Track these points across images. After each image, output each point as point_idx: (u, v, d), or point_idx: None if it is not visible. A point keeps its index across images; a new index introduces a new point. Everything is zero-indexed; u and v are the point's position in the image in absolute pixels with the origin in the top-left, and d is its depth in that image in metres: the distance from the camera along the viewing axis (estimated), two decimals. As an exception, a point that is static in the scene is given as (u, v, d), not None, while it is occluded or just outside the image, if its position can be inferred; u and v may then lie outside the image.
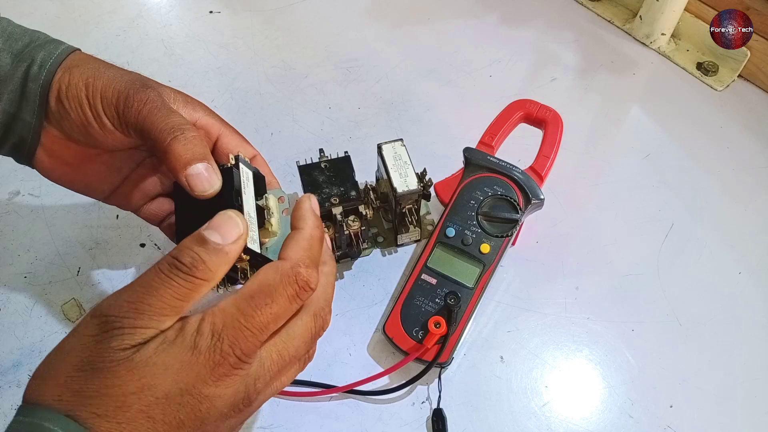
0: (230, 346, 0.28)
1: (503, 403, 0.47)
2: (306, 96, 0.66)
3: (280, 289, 0.30)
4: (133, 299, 0.27)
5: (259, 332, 0.29)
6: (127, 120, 0.36)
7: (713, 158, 0.62)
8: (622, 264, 0.54)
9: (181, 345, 0.27)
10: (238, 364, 0.28)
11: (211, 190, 0.36)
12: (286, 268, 0.31)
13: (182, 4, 0.76)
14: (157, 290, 0.28)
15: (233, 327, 0.28)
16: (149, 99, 0.36)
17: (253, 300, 0.29)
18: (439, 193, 0.55)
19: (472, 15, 0.75)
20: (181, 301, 0.28)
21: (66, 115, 0.37)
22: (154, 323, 0.27)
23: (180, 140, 0.35)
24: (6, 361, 0.48)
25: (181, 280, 0.28)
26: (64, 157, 0.39)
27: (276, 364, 0.31)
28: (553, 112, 0.54)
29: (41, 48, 0.37)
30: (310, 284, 0.31)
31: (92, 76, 0.37)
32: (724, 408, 0.47)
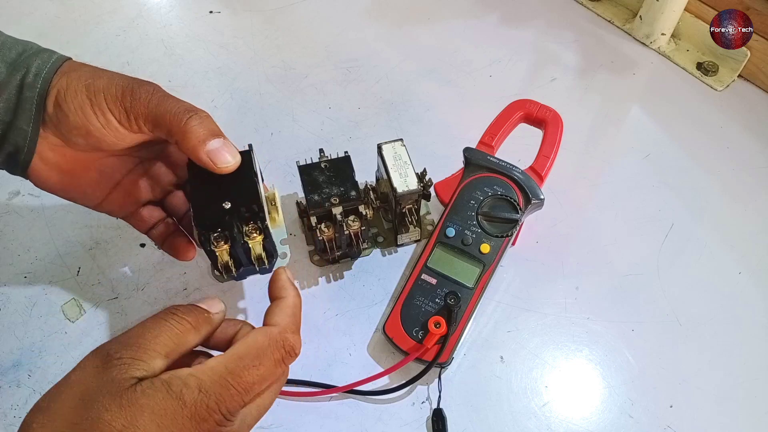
0: (216, 403, 0.29)
1: (503, 403, 0.47)
2: (306, 96, 0.66)
3: (269, 353, 0.32)
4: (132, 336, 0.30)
5: (244, 392, 0.30)
6: (137, 112, 0.37)
7: (713, 158, 0.62)
8: (622, 264, 0.54)
9: (167, 393, 0.28)
10: (223, 422, 0.29)
11: (233, 161, 0.38)
12: (274, 333, 0.33)
13: (182, 4, 0.76)
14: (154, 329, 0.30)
15: (220, 385, 0.29)
16: (155, 89, 0.38)
17: (242, 361, 0.31)
18: (439, 193, 0.55)
19: (472, 15, 0.75)
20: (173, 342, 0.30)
21: (64, 118, 0.37)
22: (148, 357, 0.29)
23: (195, 119, 0.37)
24: (6, 361, 0.48)
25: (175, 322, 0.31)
26: (59, 164, 0.39)
27: (255, 418, 0.33)
28: (553, 112, 0.54)
29: (35, 56, 0.37)
30: (296, 350, 0.34)
31: (91, 77, 0.37)
32: (724, 408, 0.47)
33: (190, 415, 0.28)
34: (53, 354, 0.48)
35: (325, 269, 0.53)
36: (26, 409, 0.46)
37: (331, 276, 0.53)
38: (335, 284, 0.53)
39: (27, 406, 0.45)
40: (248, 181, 0.41)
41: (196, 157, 0.38)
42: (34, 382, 0.47)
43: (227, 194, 0.40)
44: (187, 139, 0.37)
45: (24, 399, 0.46)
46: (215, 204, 0.39)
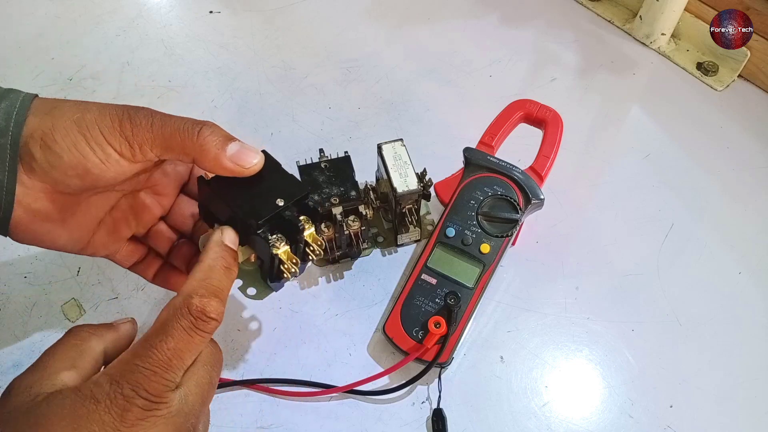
0: (132, 389, 0.28)
1: (503, 403, 0.47)
2: (306, 96, 0.66)
3: (174, 323, 0.30)
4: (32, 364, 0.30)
5: (162, 370, 0.29)
6: (140, 139, 0.35)
7: (713, 158, 0.62)
8: (622, 264, 0.54)
9: (77, 396, 0.27)
10: (149, 405, 0.28)
11: (257, 159, 0.37)
12: (177, 301, 0.31)
13: (182, 4, 0.76)
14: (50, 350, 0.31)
15: (130, 371, 0.28)
16: (152, 112, 0.36)
17: (148, 341, 0.30)
18: (439, 193, 0.55)
19: (472, 15, 0.75)
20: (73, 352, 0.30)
21: (57, 161, 0.34)
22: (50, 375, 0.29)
23: (206, 130, 0.35)
24: (6, 361, 0.48)
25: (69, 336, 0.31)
26: (46, 211, 0.36)
27: (199, 395, 0.31)
28: (553, 112, 0.54)
29: (1, 98, 0.34)
30: (207, 313, 0.31)
31: (78, 111, 0.34)
32: (724, 408, 0.47)
33: (107, 409, 0.27)
34: (53, 354, 0.48)
35: (325, 269, 0.53)
36: (26, 409, 0.46)
37: (331, 276, 0.53)
38: (335, 284, 0.53)
39: (27, 406, 0.45)
40: (282, 174, 0.39)
41: (219, 165, 0.36)
42: (34, 382, 0.47)
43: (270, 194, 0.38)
44: (206, 151, 0.35)
45: (24, 399, 0.46)
46: (267, 202, 0.38)
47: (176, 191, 0.43)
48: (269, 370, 0.48)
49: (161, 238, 0.44)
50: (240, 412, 0.46)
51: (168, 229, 0.44)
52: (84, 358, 0.30)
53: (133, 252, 0.43)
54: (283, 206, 0.38)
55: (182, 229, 0.45)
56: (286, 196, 0.38)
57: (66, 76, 0.67)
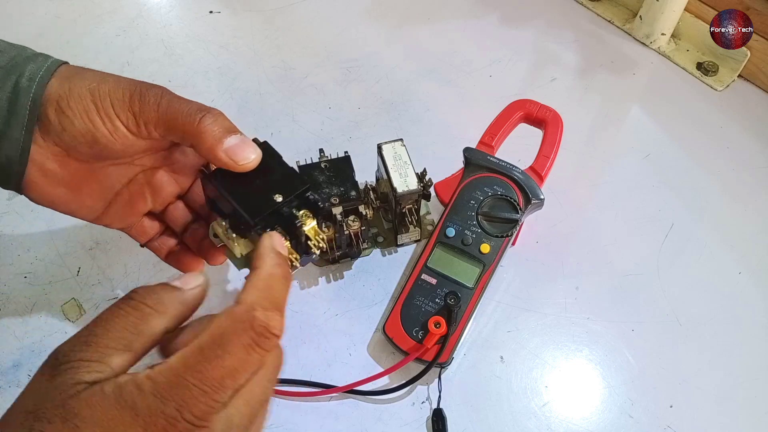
0: (177, 409, 0.24)
1: (503, 403, 0.47)
2: (306, 96, 0.66)
3: (234, 338, 0.26)
4: (84, 333, 0.26)
5: (212, 391, 0.25)
6: (146, 116, 0.35)
7: (713, 158, 0.62)
8: (622, 264, 0.54)
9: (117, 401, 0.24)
10: (191, 430, 0.24)
11: (254, 156, 0.36)
12: (239, 313, 0.27)
13: (182, 4, 0.76)
14: (107, 321, 0.26)
15: (180, 386, 0.24)
16: (164, 92, 0.36)
17: (203, 353, 0.26)
18: (439, 193, 0.55)
19: (472, 15, 0.75)
20: (130, 333, 0.26)
21: (69, 125, 0.35)
22: (101, 356, 0.25)
23: (208, 118, 0.36)
24: (6, 361, 0.48)
25: (130, 308, 0.27)
26: (60, 175, 0.37)
27: (247, 416, 0.27)
28: (553, 112, 0.54)
29: (30, 61, 0.35)
30: (271, 329, 0.27)
31: (95, 81, 0.35)
32: (724, 408, 0.47)
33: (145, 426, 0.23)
34: (53, 354, 0.48)
35: (325, 269, 0.53)
36: (26, 409, 0.46)
37: (331, 276, 0.53)
38: (335, 284, 0.53)
39: (27, 406, 0.45)
40: (283, 168, 0.39)
41: (214, 156, 0.36)
42: (34, 382, 0.47)
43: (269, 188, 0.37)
44: (203, 140, 0.35)
45: (24, 399, 0.46)
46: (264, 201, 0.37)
47: (195, 172, 0.44)
48: (269, 370, 0.48)
49: (177, 217, 0.44)
50: (240, 412, 0.46)
51: (185, 209, 0.44)
52: (140, 340, 0.27)
53: (149, 228, 0.44)
54: (281, 202, 0.37)
55: (199, 211, 0.45)
56: (285, 192, 0.37)
57: (66, 76, 0.67)
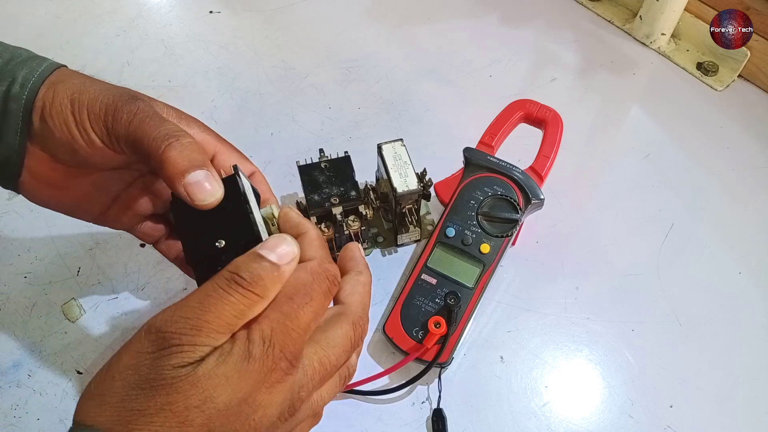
0: (281, 350, 0.28)
1: (503, 403, 0.47)
2: (306, 96, 0.66)
3: (315, 287, 0.30)
4: (191, 315, 0.27)
5: (303, 332, 0.29)
6: (117, 133, 0.34)
7: (713, 158, 0.62)
8: (622, 264, 0.54)
9: (237, 355, 0.27)
10: (289, 368, 0.28)
11: (213, 198, 0.34)
12: (315, 266, 0.31)
13: (182, 4, 0.76)
14: (215, 306, 0.27)
15: (281, 331, 0.28)
16: (139, 109, 0.34)
17: (293, 301, 0.29)
18: (439, 193, 0.55)
19: (472, 15, 0.75)
20: (237, 318, 0.28)
21: (50, 134, 0.35)
22: (211, 340, 0.27)
23: (175, 147, 0.33)
24: (6, 361, 0.48)
25: (240, 296, 0.28)
26: (50, 179, 0.37)
27: (318, 372, 0.30)
28: (553, 112, 0.54)
29: (23, 65, 0.35)
30: (338, 278, 0.33)
31: (77, 91, 0.35)
32: (724, 408, 0.47)
33: (260, 368, 0.27)
34: (53, 354, 0.48)
35: (325, 269, 0.53)
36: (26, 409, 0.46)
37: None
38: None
39: (27, 406, 0.46)
40: (240, 211, 0.35)
41: (173, 188, 0.34)
42: (34, 382, 0.47)
43: (218, 230, 0.34)
44: (164, 170, 0.33)
45: (24, 399, 0.46)
46: (207, 241, 0.34)
47: None
48: (269, 370, 0.48)
49: None
50: (240, 412, 0.46)
51: None
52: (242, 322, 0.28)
53: (154, 229, 0.43)
54: (221, 249, 0.34)
55: None
56: (229, 239, 0.34)
57: (66, 76, 0.67)
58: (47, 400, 0.46)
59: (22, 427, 0.45)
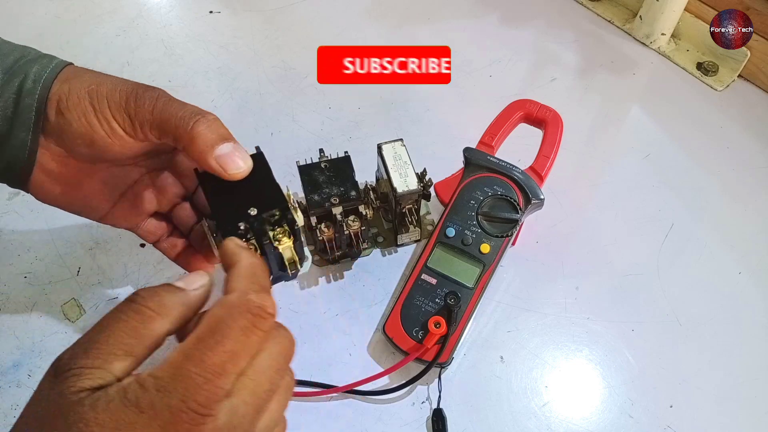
0: (181, 400, 0.24)
1: (503, 403, 0.47)
2: (306, 96, 0.66)
3: (230, 322, 0.27)
4: (85, 340, 0.26)
5: (214, 377, 0.25)
6: (141, 118, 0.35)
7: (713, 158, 0.62)
8: (622, 264, 0.54)
9: (121, 402, 0.24)
10: (198, 419, 0.24)
11: (245, 166, 0.36)
12: (232, 299, 0.28)
13: (182, 4, 0.76)
14: (108, 326, 0.26)
15: (182, 377, 0.25)
16: (160, 95, 0.36)
17: (201, 342, 0.26)
18: (439, 193, 0.55)
19: (472, 15, 0.75)
20: (132, 338, 0.26)
21: (68, 127, 0.35)
22: (104, 363, 0.25)
23: (202, 123, 0.35)
24: (6, 361, 0.48)
25: (132, 313, 0.27)
26: (62, 175, 0.38)
27: (253, 406, 0.27)
28: (553, 112, 0.54)
29: (34, 62, 0.36)
30: (266, 309, 0.28)
31: (94, 83, 0.36)
32: (724, 408, 0.47)
33: (150, 421, 0.24)
34: (53, 354, 0.47)
35: (325, 269, 0.53)
36: (26, 409, 0.46)
37: (331, 276, 0.53)
38: (335, 284, 0.53)
39: (27, 406, 0.45)
40: (269, 182, 0.38)
41: (204, 163, 0.35)
42: (34, 382, 0.47)
43: (249, 200, 0.37)
44: (195, 145, 0.35)
45: (24, 399, 0.46)
46: (238, 211, 0.36)
47: None
48: (269, 370, 0.48)
49: (183, 218, 0.44)
50: (240, 412, 0.46)
51: (190, 210, 0.44)
52: (142, 344, 0.27)
53: (157, 228, 0.44)
54: (253, 216, 0.36)
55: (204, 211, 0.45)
56: (260, 206, 0.36)
57: (66, 76, 0.67)
58: (47, 400, 0.46)
59: (22, 427, 0.45)
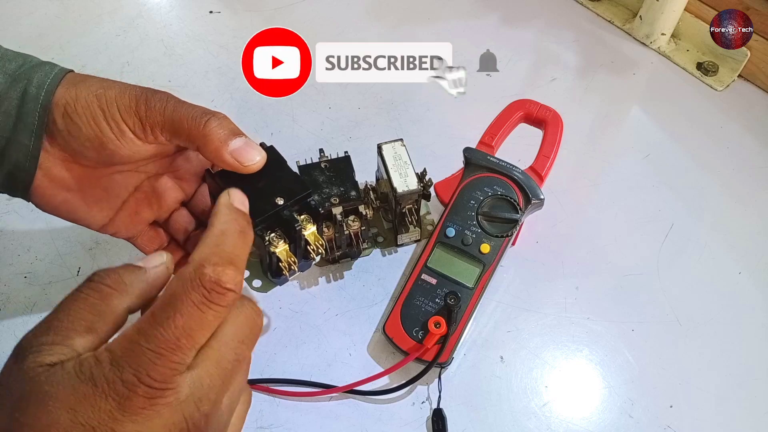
0: (134, 374, 0.24)
1: (503, 403, 0.47)
2: (306, 96, 0.66)
3: (183, 297, 0.26)
4: (47, 319, 0.26)
5: (169, 352, 0.25)
6: (153, 120, 0.36)
7: (713, 158, 0.62)
8: (622, 264, 0.54)
9: (77, 376, 0.24)
10: (153, 393, 0.24)
11: (259, 157, 0.37)
12: (185, 273, 0.27)
13: (182, 4, 0.76)
14: (67, 305, 0.27)
15: (134, 352, 0.24)
16: (168, 96, 0.37)
17: (154, 317, 0.25)
18: (439, 193, 0.55)
19: (472, 15, 0.75)
20: (91, 314, 0.26)
21: (76, 131, 0.36)
22: (64, 339, 0.25)
23: (214, 121, 0.36)
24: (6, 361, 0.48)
25: (90, 291, 0.27)
26: (66, 180, 0.38)
27: (218, 376, 0.27)
28: (553, 112, 0.54)
29: (37, 69, 0.36)
30: (222, 284, 0.27)
31: (101, 87, 0.36)
32: (724, 408, 0.47)
33: (105, 395, 0.24)
34: (53, 354, 0.48)
35: (325, 269, 0.53)
36: (26, 409, 0.46)
37: (331, 276, 0.53)
38: (335, 284, 0.53)
39: (27, 406, 0.45)
40: (287, 172, 0.39)
41: (219, 158, 0.36)
42: (34, 382, 0.47)
43: (272, 191, 0.38)
44: (209, 142, 0.36)
45: (24, 399, 0.46)
46: (266, 202, 0.37)
47: (198, 178, 0.44)
48: (269, 370, 0.48)
49: (181, 224, 0.45)
50: (240, 412, 0.46)
51: (188, 215, 0.45)
52: (103, 320, 0.27)
53: (154, 238, 0.44)
54: (282, 205, 0.38)
55: (202, 217, 0.45)
56: (287, 195, 0.38)
57: (66, 76, 0.67)
58: (47, 400, 0.46)
59: (22, 427, 0.45)
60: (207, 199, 0.45)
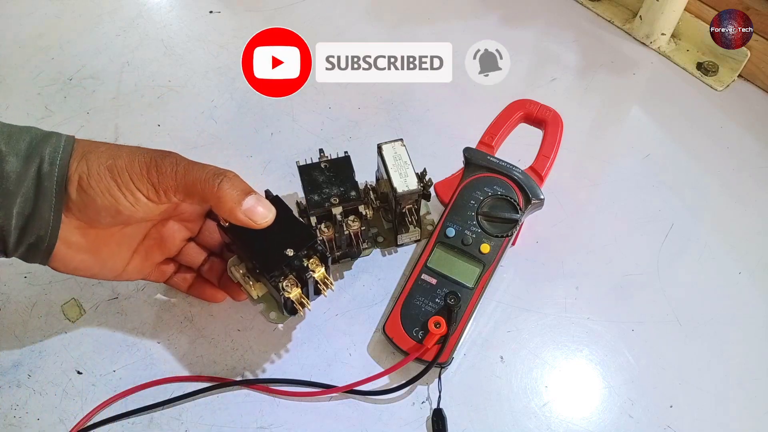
0: None
1: (503, 403, 0.47)
2: (306, 96, 0.66)
3: None
4: None
5: None
6: (165, 186, 0.38)
7: (713, 158, 0.62)
8: (622, 264, 0.54)
9: None
10: None
11: (270, 214, 0.41)
12: None
13: (182, 4, 0.76)
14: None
15: None
16: (177, 159, 0.39)
17: None
18: (439, 193, 0.55)
19: (472, 15, 0.75)
20: None
21: (91, 203, 0.38)
22: None
23: (226, 183, 0.39)
24: (6, 361, 0.48)
25: None
26: (81, 244, 0.40)
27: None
28: (553, 112, 0.54)
29: (44, 143, 0.37)
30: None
31: (110, 157, 0.38)
32: (724, 408, 0.47)
33: None
34: (53, 354, 0.48)
35: (325, 269, 0.53)
36: (26, 409, 0.46)
37: (331, 276, 0.53)
38: (335, 284, 0.53)
39: (27, 406, 0.46)
40: (292, 222, 0.43)
41: (234, 218, 0.40)
42: (34, 382, 0.47)
43: (281, 242, 0.42)
44: (223, 203, 0.39)
45: (24, 399, 0.46)
46: (277, 255, 0.42)
47: (202, 218, 0.48)
48: (269, 370, 0.48)
49: (192, 255, 0.48)
50: (240, 412, 0.46)
51: (197, 248, 0.49)
52: None
53: (165, 271, 0.48)
54: (292, 257, 0.42)
55: (211, 247, 0.49)
56: (295, 246, 0.42)
57: (66, 76, 0.67)
58: (47, 400, 0.46)
59: (22, 427, 0.45)
60: (213, 233, 0.48)
